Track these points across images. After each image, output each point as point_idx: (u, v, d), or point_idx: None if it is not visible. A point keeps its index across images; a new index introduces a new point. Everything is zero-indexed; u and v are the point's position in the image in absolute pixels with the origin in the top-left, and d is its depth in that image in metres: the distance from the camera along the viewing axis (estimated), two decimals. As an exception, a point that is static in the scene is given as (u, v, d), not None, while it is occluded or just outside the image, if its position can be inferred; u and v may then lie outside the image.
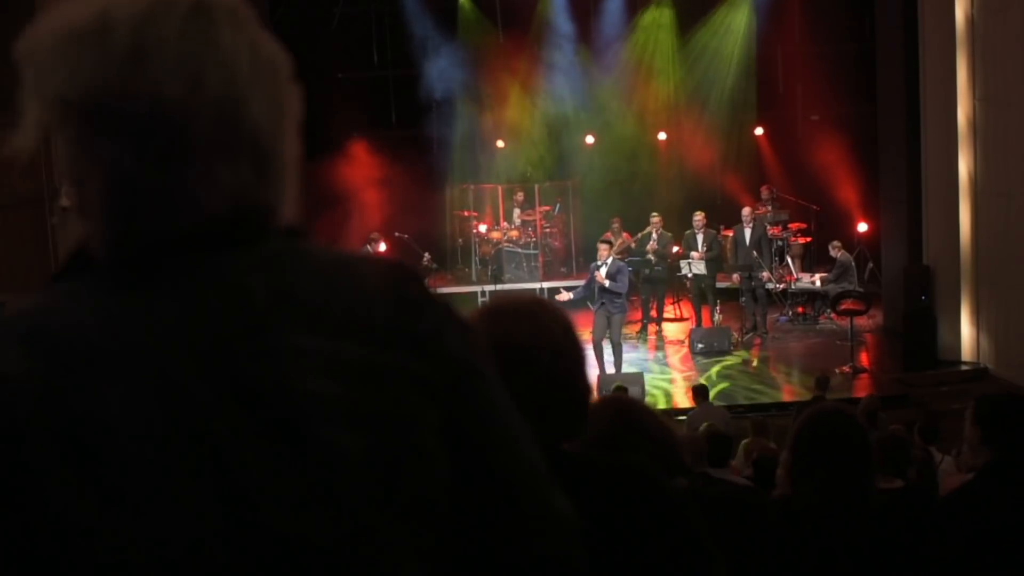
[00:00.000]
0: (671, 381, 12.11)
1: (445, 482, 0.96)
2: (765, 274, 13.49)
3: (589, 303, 12.09)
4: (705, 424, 8.41)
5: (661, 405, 10.88)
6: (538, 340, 1.60)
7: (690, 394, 10.38)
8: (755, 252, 13.48)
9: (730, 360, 12.66)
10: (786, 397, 11.29)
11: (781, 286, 13.79)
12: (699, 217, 13.87)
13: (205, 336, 0.90)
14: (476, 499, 0.98)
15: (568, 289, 12.63)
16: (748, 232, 13.62)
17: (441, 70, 16.78)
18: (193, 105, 0.91)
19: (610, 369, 11.80)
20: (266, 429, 0.89)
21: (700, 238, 13.80)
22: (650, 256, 13.94)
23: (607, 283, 11.56)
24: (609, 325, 11.76)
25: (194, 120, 0.91)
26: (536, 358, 1.58)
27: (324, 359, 0.92)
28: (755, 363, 12.62)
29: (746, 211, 13.86)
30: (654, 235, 14.13)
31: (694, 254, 13.68)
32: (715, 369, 12.32)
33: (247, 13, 0.97)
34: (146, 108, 0.90)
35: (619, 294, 11.72)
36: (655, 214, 14.37)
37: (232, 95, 0.93)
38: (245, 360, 0.90)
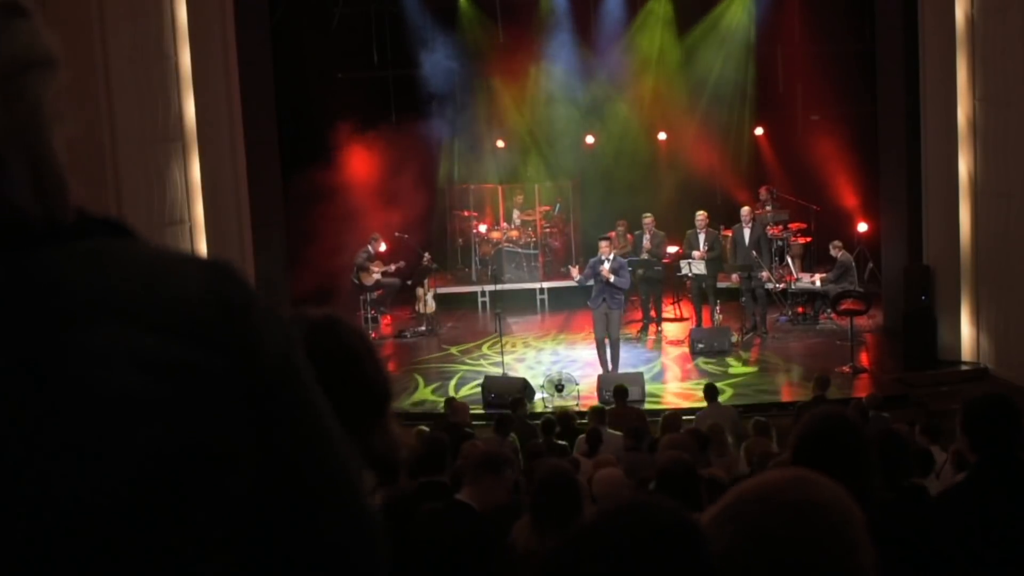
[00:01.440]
0: (675, 379, 12.11)
1: (249, 480, 0.95)
2: (764, 274, 13.49)
3: (588, 302, 12.08)
4: (709, 422, 8.44)
5: (661, 406, 10.88)
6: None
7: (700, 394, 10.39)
8: (754, 252, 13.49)
9: (733, 362, 12.65)
10: (786, 397, 11.30)
11: (781, 286, 13.79)
12: (701, 217, 13.89)
13: (11, 331, 0.90)
14: (284, 499, 0.98)
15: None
16: (747, 232, 13.63)
17: (441, 70, 16.78)
18: None
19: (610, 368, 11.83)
20: (63, 420, 0.88)
21: (702, 237, 13.81)
22: (645, 255, 13.94)
23: (612, 278, 11.58)
24: (608, 322, 11.77)
25: None
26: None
27: (134, 354, 0.91)
28: (755, 363, 12.62)
29: (745, 211, 13.87)
30: (647, 235, 14.14)
31: (695, 253, 13.70)
32: (724, 370, 12.31)
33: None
34: None
35: (621, 290, 11.76)
36: (647, 214, 14.38)
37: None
38: (51, 354, 0.89)
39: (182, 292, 0.95)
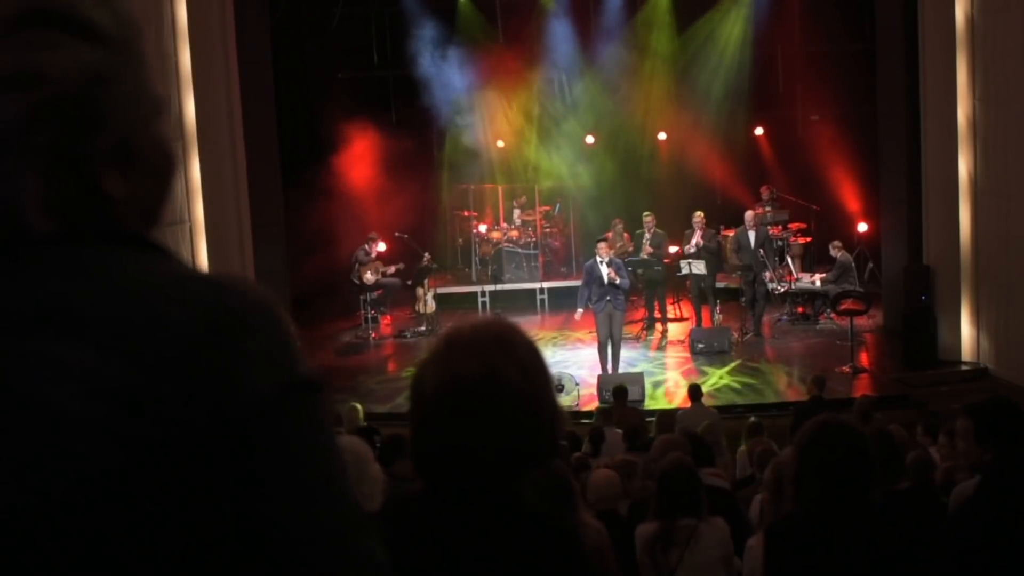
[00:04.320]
0: (677, 377, 12.11)
1: (206, 514, 0.90)
2: (768, 274, 13.49)
3: (588, 302, 12.07)
4: (705, 423, 8.44)
5: (661, 405, 10.88)
6: (501, 364, 1.52)
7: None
8: (761, 251, 13.49)
9: (734, 363, 12.65)
10: (786, 397, 11.29)
11: (783, 288, 13.77)
12: (699, 217, 13.91)
13: None
14: (256, 545, 0.92)
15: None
16: (752, 235, 13.61)
17: (441, 70, 16.78)
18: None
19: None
20: None
21: (699, 235, 13.87)
22: (644, 255, 13.94)
23: (618, 280, 11.61)
24: (611, 322, 11.78)
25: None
26: (500, 384, 1.51)
27: (77, 371, 0.87)
28: (755, 363, 12.62)
29: (749, 215, 13.84)
30: (647, 235, 14.14)
31: (694, 240, 13.68)
32: (724, 370, 12.29)
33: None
34: None
35: (623, 290, 11.79)
36: (648, 213, 14.37)
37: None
38: None
39: (162, 315, 0.91)
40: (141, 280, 0.93)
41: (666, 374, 12.33)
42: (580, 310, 11.97)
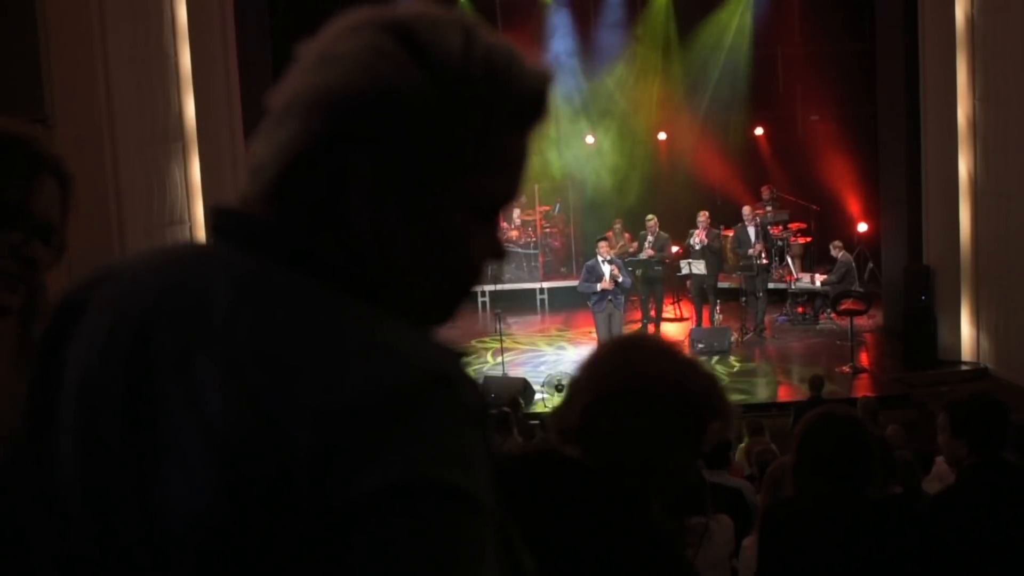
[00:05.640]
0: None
1: None
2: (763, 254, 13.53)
3: (588, 301, 12.09)
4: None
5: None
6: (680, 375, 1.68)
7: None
8: (760, 246, 13.50)
9: (731, 359, 12.65)
10: (786, 397, 11.30)
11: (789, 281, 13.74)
12: (703, 216, 13.90)
13: (151, 327, 0.89)
14: None
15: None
16: (751, 230, 13.61)
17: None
18: None
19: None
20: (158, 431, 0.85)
21: (702, 234, 13.87)
22: (643, 255, 13.95)
23: (620, 279, 11.63)
24: (611, 322, 11.79)
25: None
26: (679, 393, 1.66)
27: (214, 416, 0.82)
28: (755, 363, 12.63)
29: (746, 210, 13.88)
30: (650, 236, 14.13)
31: (697, 238, 13.68)
32: (724, 370, 12.30)
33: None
34: None
35: (623, 289, 11.82)
36: (650, 216, 14.36)
37: None
38: (167, 366, 0.86)
39: (333, 382, 0.80)
40: (344, 332, 0.84)
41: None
42: (598, 285, 11.90)
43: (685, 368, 1.71)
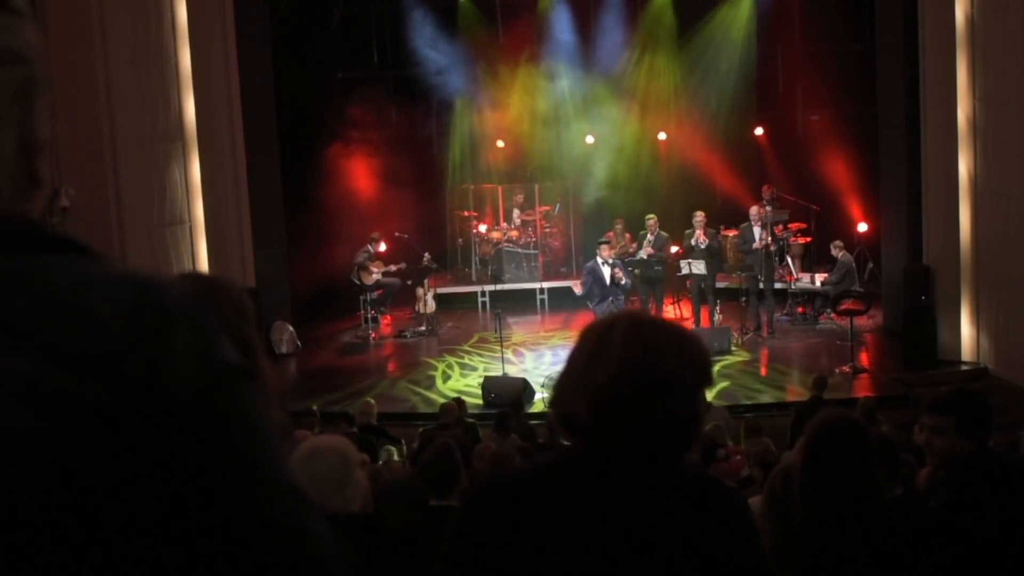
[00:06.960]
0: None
1: (157, 518, 0.90)
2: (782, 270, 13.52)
3: (589, 302, 12.09)
4: (712, 424, 8.44)
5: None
6: (684, 370, 1.71)
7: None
8: (768, 244, 13.50)
9: (731, 359, 12.65)
10: (786, 397, 11.29)
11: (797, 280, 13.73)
12: (700, 216, 13.88)
13: None
14: (210, 539, 0.93)
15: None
16: (757, 231, 13.59)
17: (441, 70, 16.79)
18: None
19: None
20: None
21: (701, 235, 13.85)
22: (642, 255, 13.94)
23: (623, 279, 11.66)
24: (611, 322, 11.80)
25: None
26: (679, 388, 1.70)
27: (12, 382, 0.86)
28: (755, 363, 12.62)
29: (754, 210, 13.83)
30: (650, 236, 14.12)
31: (695, 239, 13.67)
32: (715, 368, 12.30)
33: None
34: None
35: (624, 290, 11.84)
36: (650, 216, 14.35)
37: None
38: None
39: (88, 318, 0.89)
40: (65, 285, 0.91)
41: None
42: (580, 289, 11.97)
43: (679, 337, 1.76)
